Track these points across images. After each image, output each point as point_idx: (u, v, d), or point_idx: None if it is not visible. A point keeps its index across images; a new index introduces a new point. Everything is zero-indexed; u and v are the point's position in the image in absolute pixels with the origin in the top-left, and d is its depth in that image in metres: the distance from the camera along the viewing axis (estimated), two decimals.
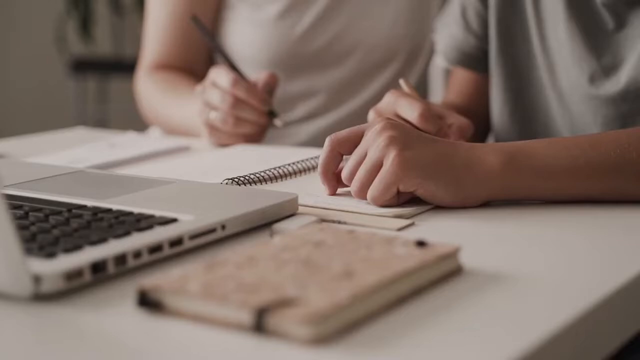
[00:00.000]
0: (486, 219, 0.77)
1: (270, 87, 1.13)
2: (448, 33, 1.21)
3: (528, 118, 1.11)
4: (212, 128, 1.12)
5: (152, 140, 1.20)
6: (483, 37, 1.16)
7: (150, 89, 1.34)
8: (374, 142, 0.79)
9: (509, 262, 0.66)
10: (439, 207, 0.80)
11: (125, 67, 3.01)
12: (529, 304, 0.58)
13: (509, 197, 0.81)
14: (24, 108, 3.42)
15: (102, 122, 3.19)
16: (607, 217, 0.78)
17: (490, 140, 1.22)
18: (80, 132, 1.35)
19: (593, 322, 0.58)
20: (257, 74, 1.15)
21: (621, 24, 1.00)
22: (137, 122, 1.57)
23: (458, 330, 0.54)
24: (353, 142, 0.83)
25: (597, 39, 1.02)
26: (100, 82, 3.24)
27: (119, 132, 1.31)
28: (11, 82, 3.42)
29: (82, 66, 2.98)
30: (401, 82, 1.02)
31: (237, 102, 1.09)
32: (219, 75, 1.11)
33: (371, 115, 0.97)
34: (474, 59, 1.18)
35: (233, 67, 1.14)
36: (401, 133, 0.79)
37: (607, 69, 1.01)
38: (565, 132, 1.07)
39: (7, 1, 3.35)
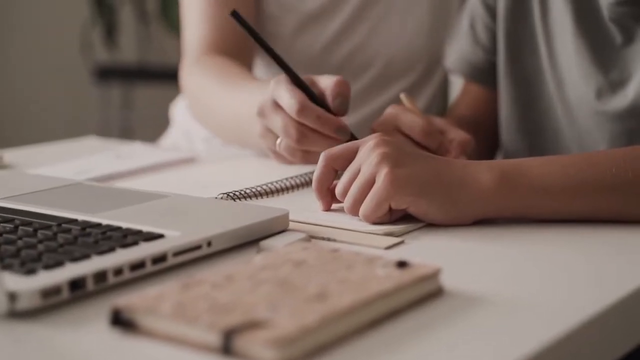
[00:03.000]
0: (478, 237, 0.77)
1: (343, 97, 0.91)
2: (457, 45, 1.21)
3: (536, 132, 1.10)
4: (279, 155, 0.94)
5: (159, 151, 1.21)
6: (491, 50, 1.15)
7: (196, 79, 1.20)
8: (367, 159, 0.79)
9: (495, 283, 0.65)
10: (431, 225, 0.79)
11: (150, 74, 3.03)
12: (505, 325, 0.58)
13: (503, 216, 0.80)
14: (49, 115, 3.45)
15: (126, 129, 3.21)
16: (600, 237, 0.77)
17: (499, 154, 1.21)
18: (91, 142, 1.35)
19: (577, 342, 0.57)
20: (323, 80, 0.93)
21: (629, 39, 0.99)
22: (161, 130, 1.56)
23: (432, 353, 0.53)
24: (347, 158, 0.82)
25: (605, 54, 1.01)
26: (124, 89, 3.26)
27: (137, 141, 1.31)
28: (36, 89, 3.45)
29: (107, 73, 3.01)
30: (402, 96, 1.01)
31: (305, 135, 0.88)
32: (281, 95, 0.89)
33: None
34: (483, 72, 1.18)
35: (289, 71, 0.91)
36: (394, 150, 0.79)
37: (615, 85, 1.00)
38: (573, 147, 1.06)
39: (32, 8, 3.39)
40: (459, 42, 1.20)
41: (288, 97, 0.88)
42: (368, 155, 0.79)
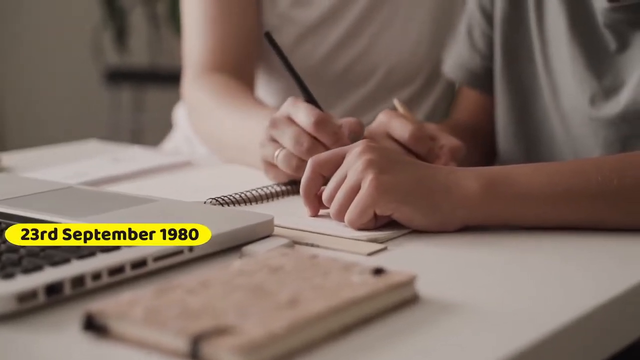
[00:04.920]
0: (463, 244, 0.76)
1: (356, 134, 0.94)
2: (455, 51, 1.21)
3: (532, 138, 1.10)
4: (271, 165, 0.96)
5: (157, 155, 1.21)
6: (488, 56, 1.15)
7: (199, 96, 1.20)
8: (353, 165, 0.79)
9: (474, 290, 0.65)
10: (417, 232, 0.79)
11: (161, 77, 3.04)
12: (478, 332, 0.57)
13: (488, 223, 0.80)
14: (59, 117, 3.47)
15: (136, 132, 3.23)
16: (585, 245, 0.76)
17: (497, 160, 1.21)
18: (92, 145, 1.36)
19: (550, 350, 0.57)
20: (341, 119, 0.95)
21: (623, 45, 0.99)
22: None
23: (402, 359, 0.53)
24: (334, 164, 0.82)
25: (599, 60, 1.01)
26: (135, 92, 3.28)
27: (148, 144, 1.31)
28: (47, 92, 3.48)
29: (117, 76, 3.02)
30: (395, 102, 1.01)
31: (316, 146, 0.89)
32: (297, 110, 0.92)
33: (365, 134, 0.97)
34: (480, 78, 1.18)
35: (308, 93, 0.95)
36: (380, 156, 0.79)
37: (608, 91, 1.00)
38: (568, 154, 1.06)
39: (43, 12, 3.41)
40: (456, 47, 1.20)
41: (306, 112, 0.90)
42: (354, 161, 0.79)
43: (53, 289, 0.61)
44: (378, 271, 0.62)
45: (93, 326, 0.56)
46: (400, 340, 0.56)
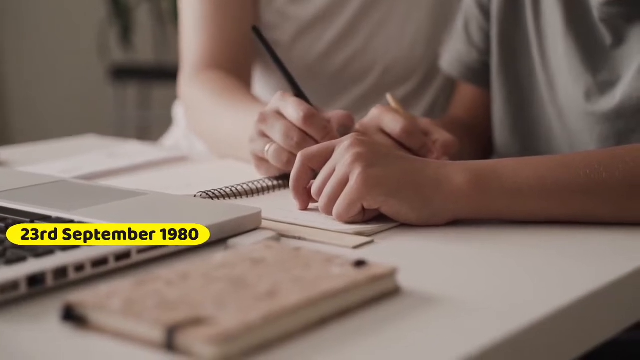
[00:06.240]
0: (451, 238, 0.76)
1: (346, 128, 0.95)
2: (452, 46, 1.21)
3: (529, 133, 1.10)
4: (261, 160, 0.96)
5: (152, 150, 1.21)
6: (485, 51, 1.15)
7: (195, 93, 1.21)
8: (342, 159, 0.79)
9: (457, 283, 0.65)
10: (406, 225, 0.79)
11: (166, 74, 3.05)
12: (454, 324, 0.57)
13: (477, 217, 0.79)
14: (65, 115, 3.47)
15: (142, 129, 3.23)
16: (573, 239, 0.76)
17: (494, 155, 1.20)
18: (89, 140, 1.36)
19: (526, 343, 0.57)
20: (330, 112, 0.95)
21: (619, 40, 0.98)
22: None
23: (375, 350, 0.53)
24: (323, 158, 0.82)
25: (595, 55, 1.01)
26: (140, 89, 3.28)
27: (153, 141, 1.31)
28: (53, 89, 3.48)
29: (122, 73, 3.03)
30: (388, 97, 1.01)
31: (306, 141, 0.89)
32: (287, 105, 0.92)
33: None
34: (477, 73, 1.18)
35: (297, 88, 0.95)
36: (368, 150, 0.79)
37: (603, 86, 1.00)
38: (565, 149, 1.06)
39: (49, 9, 3.41)
40: (453, 42, 1.20)
41: (295, 106, 0.90)
42: (343, 154, 0.79)
43: (35, 280, 0.61)
44: (359, 263, 0.62)
45: (72, 317, 0.56)
46: (377, 331, 0.56)
